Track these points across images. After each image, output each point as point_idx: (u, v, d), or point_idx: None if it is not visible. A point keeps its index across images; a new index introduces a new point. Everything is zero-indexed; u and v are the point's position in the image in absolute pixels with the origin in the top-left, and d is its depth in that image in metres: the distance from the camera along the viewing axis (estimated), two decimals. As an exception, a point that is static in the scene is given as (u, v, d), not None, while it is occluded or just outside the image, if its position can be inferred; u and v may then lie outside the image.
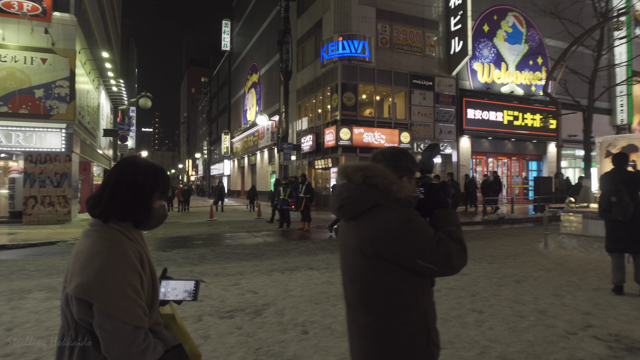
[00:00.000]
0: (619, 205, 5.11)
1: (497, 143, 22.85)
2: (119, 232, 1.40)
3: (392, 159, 1.63)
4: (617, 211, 5.13)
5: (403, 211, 1.50)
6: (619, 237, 5.27)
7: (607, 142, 9.74)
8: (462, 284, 5.83)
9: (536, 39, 23.77)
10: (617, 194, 5.14)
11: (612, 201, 5.19)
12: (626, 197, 5.08)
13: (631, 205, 5.08)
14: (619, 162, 5.40)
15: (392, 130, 19.74)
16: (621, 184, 5.16)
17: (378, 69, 19.81)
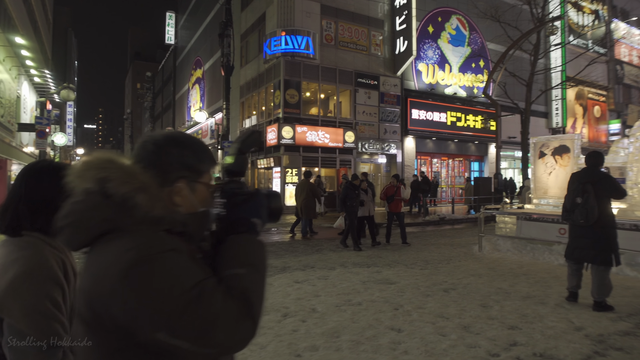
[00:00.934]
0: (583, 207, 4.69)
1: (441, 143, 23.04)
2: (40, 240, 1.29)
3: (154, 152, 0.97)
4: (580, 214, 4.72)
5: (145, 242, 0.86)
6: (581, 244, 4.85)
7: (540, 143, 9.71)
8: (387, 295, 5.34)
9: (478, 42, 24.21)
10: (583, 195, 4.72)
11: (577, 202, 4.77)
12: (592, 199, 4.66)
13: (596, 210, 4.65)
14: (591, 162, 4.97)
15: (337, 129, 19.31)
16: (590, 185, 4.75)
17: (322, 66, 19.32)
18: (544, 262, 7.52)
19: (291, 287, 5.77)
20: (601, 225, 4.70)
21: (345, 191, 9.08)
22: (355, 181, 9.31)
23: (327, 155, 19.27)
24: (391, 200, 9.65)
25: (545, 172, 9.64)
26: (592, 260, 4.74)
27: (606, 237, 4.72)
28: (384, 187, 10.09)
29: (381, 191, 10.11)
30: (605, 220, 4.72)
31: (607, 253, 4.69)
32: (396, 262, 7.56)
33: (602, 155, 5.02)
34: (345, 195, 9.02)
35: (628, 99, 33.05)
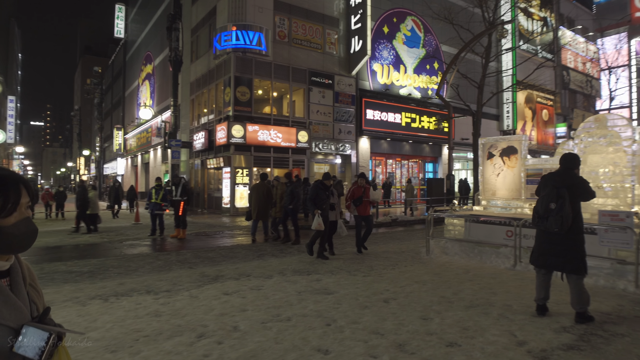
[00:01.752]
0: (557, 214, 4.30)
1: (396, 144, 22.99)
2: None
3: None
4: (555, 221, 4.31)
5: None
6: (548, 251, 4.49)
7: (489, 144, 9.58)
8: (321, 308, 4.85)
9: (433, 44, 24.38)
10: (558, 201, 4.33)
11: (551, 208, 4.36)
12: (567, 206, 4.29)
13: (571, 217, 4.30)
14: (567, 165, 4.59)
15: (290, 128, 18.76)
16: (565, 189, 4.38)
17: (275, 63, 18.72)
18: (491, 266, 7.29)
19: (217, 301, 5.16)
20: (572, 232, 4.39)
21: (315, 191, 8.08)
22: (327, 181, 8.26)
23: (280, 155, 18.68)
24: (359, 203, 8.67)
25: (493, 174, 9.52)
26: (562, 268, 4.44)
27: (575, 244, 4.42)
28: (349, 189, 9.03)
29: (346, 193, 9.06)
30: (577, 227, 4.42)
31: (577, 261, 4.40)
32: (339, 269, 7.10)
33: (577, 158, 4.65)
34: (316, 196, 8.03)
35: (573, 103, 34.49)
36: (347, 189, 16.66)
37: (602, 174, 7.71)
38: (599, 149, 7.75)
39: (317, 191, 8.10)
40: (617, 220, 6.37)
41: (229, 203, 17.77)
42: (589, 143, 7.91)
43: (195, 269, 7.14)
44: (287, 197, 10.30)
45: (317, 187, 8.18)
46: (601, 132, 7.84)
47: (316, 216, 7.81)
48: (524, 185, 9.02)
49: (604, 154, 7.70)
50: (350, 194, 8.77)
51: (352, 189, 8.86)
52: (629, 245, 6.20)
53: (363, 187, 8.79)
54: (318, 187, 8.17)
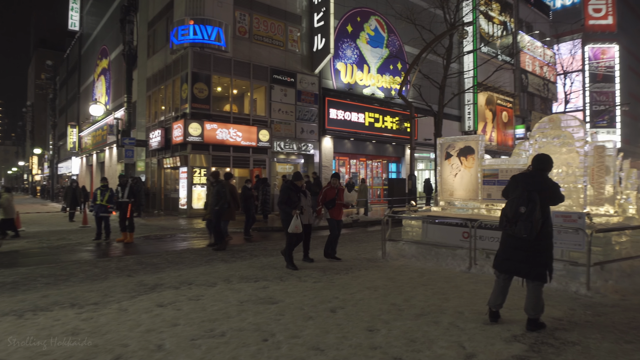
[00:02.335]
0: (527, 219, 4.02)
1: (359, 144, 22.85)
2: None
3: None
4: (524, 226, 4.04)
5: None
6: (514, 256, 4.23)
7: (446, 144, 9.46)
8: (261, 321, 4.46)
9: (396, 44, 24.41)
10: (528, 205, 4.05)
11: (521, 212, 4.07)
12: (538, 211, 4.03)
13: (540, 222, 4.05)
14: (540, 167, 4.30)
15: (250, 127, 18.24)
16: (536, 193, 4.10)
17: (235, 59, 18.15)
18: (447, 269, 7.10)
19: (148, 314, 4.68)
20: (540, 237, 4.14)
21: (286, 193, 7.21)
22: (299, 182, 7.38)
23: (240, 154, 18.13)
24: (332, 206, 7.91)
25: (451, 174, 9.40)
26: (526, 274, 4.19)
27: (543, 250, 4.17)
28: (322, 190, 8.22)
29: (319, 195, 8.21)
30: (545, 232, 4.18)
31: (543, 268, 4.17)
32: (290, 274, 6.72)
33: (550, 160, 4.37)
34: (287, 198, 7.17)
35: (531, 106, 35.51)
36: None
37: (556, 174, 7.68)
38: (553, 150, 7.72)
39: (287, 193, 7.21)
40: (569, 221, 6.30)
41: (186, 204, 17.08)
42: (543, 143, 7.88)
43: (133, 277, 6.59)
44: (213, 197, 9.46)
45: (288, 188, 7.28)
46: (555, 132, 7.82)
47: (294, 217, 6.98)
48: (480, 186, 8.93)
49: (558, 155, 7.67)
50: (323, 196, 8.02)
51: (325, 189, 8.11)
52: (581, 246, 6.14)
53: (336, 189, 8.07)
54: (289, 188, 7.28)
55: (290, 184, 7.38)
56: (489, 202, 8.76)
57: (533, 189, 4.15)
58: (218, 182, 9.66)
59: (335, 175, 8.24)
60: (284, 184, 7.55)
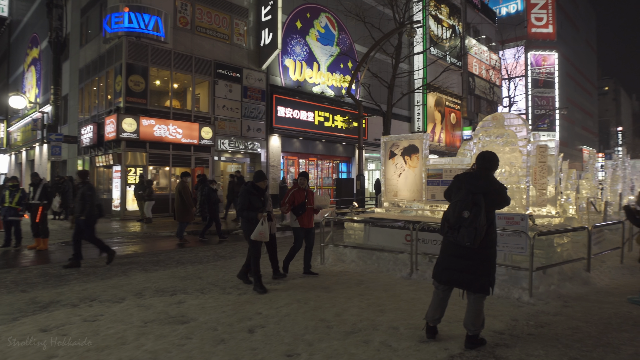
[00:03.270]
0: (470, 225, 3.53)
1: (309, 143, 22.30)
2: None
3: None
4: (467, 233, 3.54)
5: None
6: (455, 265, 3.74)
7: (390, 142, 9.07)
8: (161, 347, 3.73)
9: (347, 43, 24.08)
10: (472, 209, 3.56)
11: (464, 217, 3.57)
12: (483, 217, 3.54)
13: (484, 229, 3.56)
14: (485, 165, 3.78)
15: (192, 124, 17.20)
16: (481, 196, 3.61)
17: (176, 52, 17.04)
18: (387, 276, 6.63)
19: (22, 342, 3.83)
20: (484, 245, 3.65)
21: (246, 197, 5.89)
22: (261, 183, 6.05)
23: (180, 152, 17.05)
24: (302, 211, 6.59)
25: (395, 174, 9.01)
26: (468, 286, 3.70)
27: (486, 258, 3.68)
28: (287, 192, 6.84)
29: (284, 198, 6.78)
30: (489, 239, 3.68)
31: (485, 278, 3.68)
32: (214, 285, 6.00)
33: (496, 158, 3.86)
34: (248, 203, 5.88)
35: (478, 108, 36.46)
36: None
37: (499, 174, 7.43)
38: (496, 149, 7.46)
39: (248, 197, 5.89)
40: (512, 224, 6.00)
41: (120, 206, 15.81)
42: (487, 142, 7.62)
43: (27, 293, 5.62)
44: (78, 203, 7.61)
45: (248, 192, 5.93)
46: (498, 131, 7.58)
47: (260, 222, 5.76)
48: (424, 186, 8.58)
49: (501, 154, 7.42)
50: (289, 199, 6.66)
51: (292, 192, 6.74)
52: (524, 250, 5.85)
53: (305, 190, 6.76)
54: (249, 192, 5.93)
55: (250, 186, 6.02)
56: (433, 203, 8.43)
57: (478, 191, 3.66)
58: (84, 183, 7.81)
59: (304, 175, 6.89)
60: (244, 187, 6.07)
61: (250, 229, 5.83)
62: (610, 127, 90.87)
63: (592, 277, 6.22)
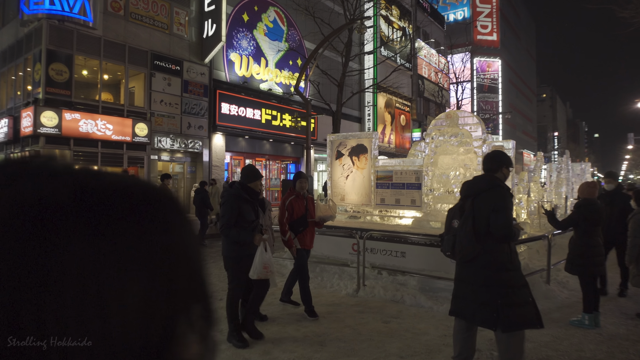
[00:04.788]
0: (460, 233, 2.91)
1: (256, 143, 21.23)
2: None
3: None
4: (446, 241, 3.02)
5: None
6: (459, 291, 3.06)
7: (337, 141, 8.30)
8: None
9: (296, 39, 23.24)
10: (461, 216, 2.96)
11: (453, 227, 2.99)
12: (469, 224, 2.86)
13: (474, 242, 2.84)
14: (487, 166, 3.13)
15: (124, 119, 15.66)
16: (470, 200, 2.97)
17: (107, 39, 15.45)
18: (331, 292, 5.82)
19: None
20: (483, 265, 2.91)
21: (234, 206, 4.13)
22: (255, 183, 4.33)
23: (111, 151, 15.48)
24: (302, 227, 4.96)
25: (342, 175, 8.24)
26: (472, 317, 2.99)
27: (488, 282, 2.90)
28: (283, 201, 5.15)
29: (280, 209, 5.12)
30: (490, 259, 2.88)
31: (490, 309, 2.88)
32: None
33: (499, 156, 3.10)
34: (237, 214, 4.13)
35: (427, 110, 36.85)
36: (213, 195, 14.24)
37: (453, 177, 6.84)
38: (450, 149, 6.88)
39: (236, 205, 4.10)
40: (469, 233, 5.36)
41: (38, 209, 14.03)
42: (440, 142, 7.01)
43: None
44: None
45: (236, 196, 4.15)
46: (452, 130, 6.99)
47: (259, 250, 3.97)
48: (374, 189, 7.87)
49: (455, 155, 6.84)
50: (287, 210, 4.98)
51: (289, 201, 5.03)
52: (482, 262, 5.24)
53: (305, 199, 5.17)
54: (237, 196, 4.15)
55: (239, 189, 4.18)
56: (383, 208, 7.75)
57: (467, 194, 2.99)
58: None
59: (300, 176, 5.16)
60: (229, 190, 4.25)
61: (239, 258, 3.99)
62: (547, 132, 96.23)
63: (552, 290, 5.72)
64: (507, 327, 2.84)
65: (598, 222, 4.64)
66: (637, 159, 78.15)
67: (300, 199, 5.02)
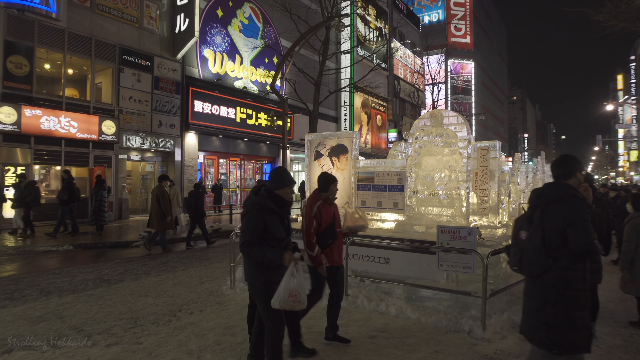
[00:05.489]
0: (528, 246, 2.60)
1: (230, 142, 20.62)
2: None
3: None
4: (513, 254, 2.70)
5: None
6: (525, 307, 2.74)
7: (316, 141, 7.92)
8: None
9: (272, 37, 22.74)
10: (529, 228, 2.64)
11: (521, 239, 2.66)
12: (539, 239, 2.54)
13: (543, 256, 2.55)
14: (553, 173, 2.81)
15: (91, 116, 14.85)
16: (540, 210, 2.61)
17: (71, 32, 14.61)
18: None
19: None
20: (552, 283, 2.56)
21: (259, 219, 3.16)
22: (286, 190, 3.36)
23: (76, 149, 14.65)
24: (331, 240, 4.03)
25: (321, 177, 7.87)
26: (531, 335, 2.65)
27: (557, 303, 2.55)
28: (309, 207, 4.03)
29: (307, 218, 3.97)
30: (561, 276, 2.53)
31: (552, 329, 2.55)
32: (79, 327, 4.39)
33: (573, 161, 2.77)
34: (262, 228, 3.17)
35: (403, 111, 36.92)
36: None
37: (438, 179, 6.57)
38: (435, 150, 6.60)
39: (262, 216, 3.18)
40: (458, 238, 5.08)
41: (-6, 212, 13.11)
42: (425, 143, 6.72)
43: None
44: None
45: (262, 207, 3.22)
46: (437, 130, 6.71)
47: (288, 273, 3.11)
48: (354, 192, 7.53)
49: (440, 156, 6.57)
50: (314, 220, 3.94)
51: (317, 206, 3.97)
52: (471, 270, 4.96)
53: (332, 205, 4.18)
54: (263, 206, 3.23)
55: (265, 197, 3.26)
56: (364, 210, 7.42)
57: (537, 204, 2.67)
58: None
59: (330, 178, 4.12)
60: (253, 198, 3.30)
61: (270, 284, 3.13)
62: (518, 133, 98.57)
63: (541, 297, 5.50)
64: (566, 350, 2.54)
65: (595, 228, 4.44)
66: (602, 160, 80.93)
67: (328, 206, 4.07)
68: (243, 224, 3.22)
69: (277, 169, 3.47)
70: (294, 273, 3.08)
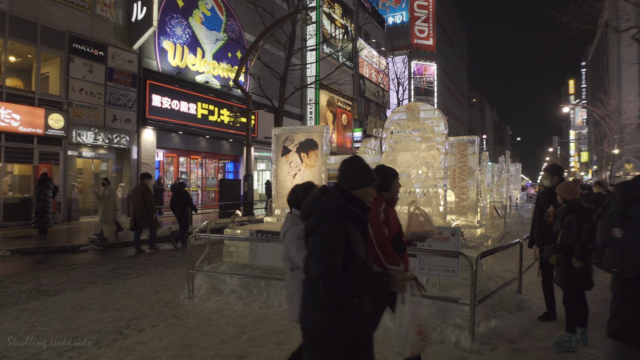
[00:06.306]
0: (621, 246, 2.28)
1: (190, 139, 19.67)
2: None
3: None
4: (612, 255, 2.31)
5: None
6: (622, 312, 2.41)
7: (284, 136, 7.37)
8: None
9: (236, 30, 21.92)
10: (625, 225, 2.31)
11: (614, 237, 2.31)
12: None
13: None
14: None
15: (36, 109, 13.63)
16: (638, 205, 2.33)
17: (14, 15, 13.34)
18: (280, 314, 4.87)
19: None
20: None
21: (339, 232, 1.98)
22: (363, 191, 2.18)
23: (18, 145, 13.40)
24: (402, 251, 3.08)
25: (289, 174, 7.32)
26: (636, 342, 2.36)
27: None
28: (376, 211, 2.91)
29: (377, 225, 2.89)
30: None
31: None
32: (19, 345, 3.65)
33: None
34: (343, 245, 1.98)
35: (368, 110, 36.86)
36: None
37: (415, 176, 6.17)
38: (412, 146, 6.20)
39: (341, 231, 1.99)
40: (441, 239, 4.68)
41: None
42: (401, 137, 6.31)
43: None
44: None
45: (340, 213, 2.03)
46: (414, 124, 6.32)
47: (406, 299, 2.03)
48: (325, 190, 7.03)
49: (417, 152, 6.18)
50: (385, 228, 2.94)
51: (382, 208, 2.97)
52: (455, 273, 4.57)
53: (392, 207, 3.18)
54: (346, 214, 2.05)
55: (342, 201, 2.07)
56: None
57: (634, 198, 2.34)
58: None
59: (389, 171, 3.12)
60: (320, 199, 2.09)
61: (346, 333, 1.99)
62: (477, 134, 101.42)
63: (525, 300, 5.19)
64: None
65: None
66: (555, 161, 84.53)
67: (392, 208, 3.14)
68: (313, 241, 1.99)
69: (351, 159, 2.27)
70: (412, 299, 2.00)
